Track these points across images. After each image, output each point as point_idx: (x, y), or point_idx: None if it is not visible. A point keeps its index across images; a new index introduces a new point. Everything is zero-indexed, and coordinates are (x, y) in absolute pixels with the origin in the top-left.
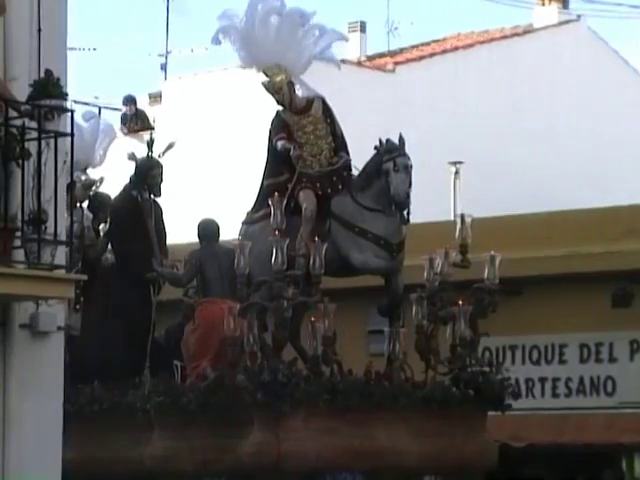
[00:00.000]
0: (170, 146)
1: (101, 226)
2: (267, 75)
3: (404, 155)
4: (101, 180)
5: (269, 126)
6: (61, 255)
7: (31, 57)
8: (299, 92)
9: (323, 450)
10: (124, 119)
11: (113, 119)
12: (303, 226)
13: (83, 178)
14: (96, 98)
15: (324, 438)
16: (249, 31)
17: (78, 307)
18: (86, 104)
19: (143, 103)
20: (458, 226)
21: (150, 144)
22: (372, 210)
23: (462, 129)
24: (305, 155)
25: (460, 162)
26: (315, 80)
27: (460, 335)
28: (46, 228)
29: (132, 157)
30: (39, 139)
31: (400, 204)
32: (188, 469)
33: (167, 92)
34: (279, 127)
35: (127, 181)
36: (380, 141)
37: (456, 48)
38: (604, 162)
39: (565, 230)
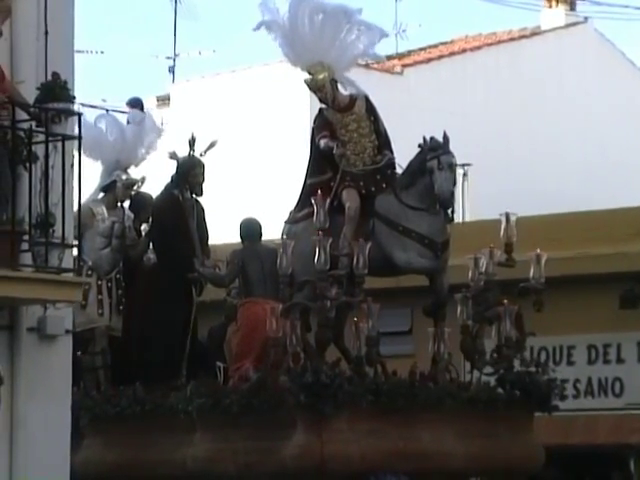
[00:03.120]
0: (212, 145)
1: (142, 226)
2: (310, 73)
3: (448, 153)
4: (142, 180)
5: (312, 124)
6: (69, 258)
7: (38, 60)
8: (342, 90)
9: (367, 452)
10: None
11: None
12: (346, 225)
13: (124, 177)
14: (104, 101)
15: (368, 440)
16: (293, 28)
17: (121, 308)
18: (93, 107)
19: (151, 106)
20: (503, 225)
21: (192, 143)
22: (416, 209)
23: (470, 131)
24: (348, 153)
25: (468, 164)
26: None
27: (506, 335)
28: (54, 231)
29: (173, 156)
30: (46, 142)
31: (444, 202)
32: (231, 471)
33: (175, 95)
34: (322, 125)
35: (168, 180)
36: (424, 139)
37: (464, 50)
38: (611, 163)
39: (573, 231)
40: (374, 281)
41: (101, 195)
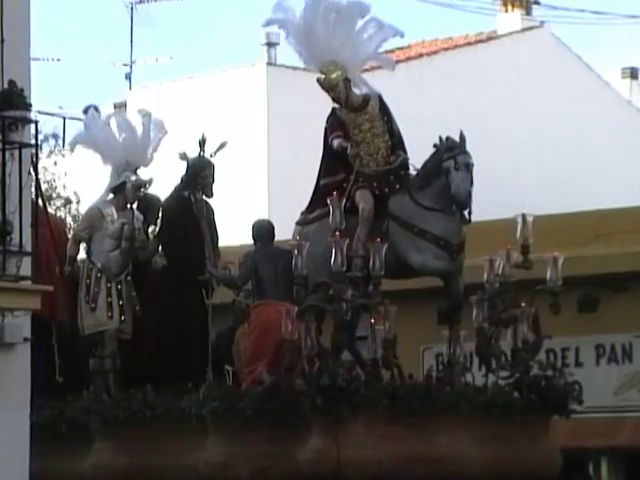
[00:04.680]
0: (222, 146)
1: (150, 228)
2: (323, 72)
3: (465, 153)
4: (150, 181)
5: (325, 124)
6: (27, 266)
7: None
8: (355, 89)
9: (384, 457)
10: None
11: (77, 130)
12: (360, 227)
13: (133, 179)
14: (60, 108)
15: (385, 444)
16: (306, 27)
17: (131, 310)
18: (51, 115)
19: (108, 113)
20: (519, 226)
21: (202, 143)
22: (432, 210)
23: (427, 136)
24: (362, 154)
25: None
26: (280, 87)
27: (522, 338)
28: (11, 239)
29: (183, 157)
30: (3, 150)
31: (461, 203)
32: (244, 476)
33: (132, 102)
34: (335, 125)
35: (177, 181)
36: (440, 139)
37: (420, 55)
38: (568, 167)
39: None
40: None
41: (110, 196)
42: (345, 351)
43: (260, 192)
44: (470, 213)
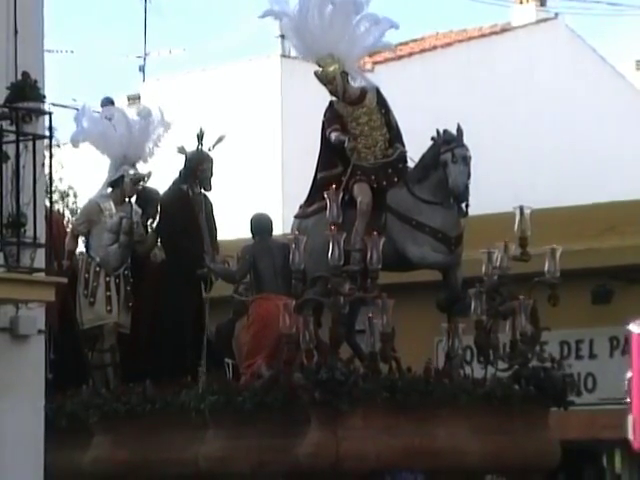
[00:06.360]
0: (220, 139)
1: (149, 222)
2: (320, 65)
3: (462, 146)
4: (149, 175)
5: (322, 117)
6: (40, 258)
7: (8, 59)
8: (353, 82)
9: (383, 449)
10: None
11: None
12: (358, 220)
13: (131, 173)
14: (74, 100)
15: (384, 437)
16: (302, 20)
17: (129, 304)
18: (64, 107)
19: (121, 105)
20: (517, 218)
21: (200, 137)
22: (429, 203)
23: (441, 128)
24: (359, 147)
25: None
26: (294, 79)
27: (521, 330)
28: (25, 231)
29: (182, 150)
30: (17, 142)
31: (459, 196)
32: (244, 470)
33: (145, 94)
34: (332, 118)
35: (176, 175)
36: (437, 132)
37: (435, 47)
38: (582, 158)
39: (545, 228)
40: None
41: (109, 190)
42: (345, 345)
43: (274, 184)
44: (467, 206)
